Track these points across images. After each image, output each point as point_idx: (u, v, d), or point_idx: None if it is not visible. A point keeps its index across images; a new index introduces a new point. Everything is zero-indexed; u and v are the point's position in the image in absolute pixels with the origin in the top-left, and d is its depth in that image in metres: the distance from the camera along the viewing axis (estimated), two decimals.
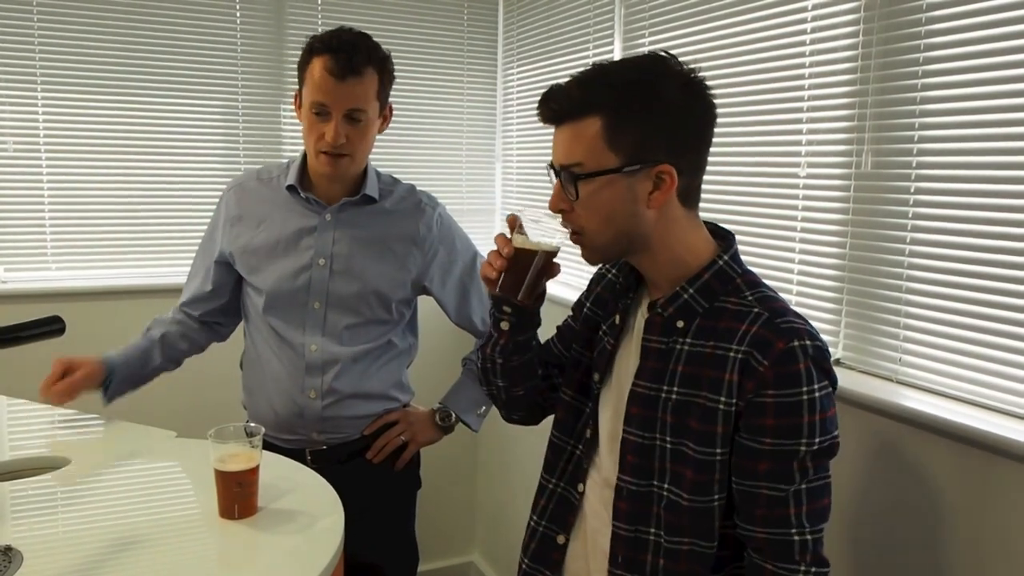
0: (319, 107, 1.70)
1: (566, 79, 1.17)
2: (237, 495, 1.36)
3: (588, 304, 1.40)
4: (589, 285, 1.43)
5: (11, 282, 2.51)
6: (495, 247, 1.26)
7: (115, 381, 1.79)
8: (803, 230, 1.72)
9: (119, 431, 1.75)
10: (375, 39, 1.76)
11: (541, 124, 1.20)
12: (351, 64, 1.67)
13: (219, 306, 1.93)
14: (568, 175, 1.16)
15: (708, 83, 1.17)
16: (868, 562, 1.52)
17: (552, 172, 1.20)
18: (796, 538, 1.11)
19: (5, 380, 2.02)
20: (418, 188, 1.94)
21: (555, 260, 1.27)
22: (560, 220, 1.21)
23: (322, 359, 1.80)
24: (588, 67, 1.18)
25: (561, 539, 1.34)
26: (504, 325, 1.33)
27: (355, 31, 1.74)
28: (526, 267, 1.24)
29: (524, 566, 1.38)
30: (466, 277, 1.96)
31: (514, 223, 1.26)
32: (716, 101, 1.18)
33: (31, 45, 2.48)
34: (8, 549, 1.23)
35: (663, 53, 1.16)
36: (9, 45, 2.46)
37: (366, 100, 1.71)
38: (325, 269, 1.79)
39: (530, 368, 1.40)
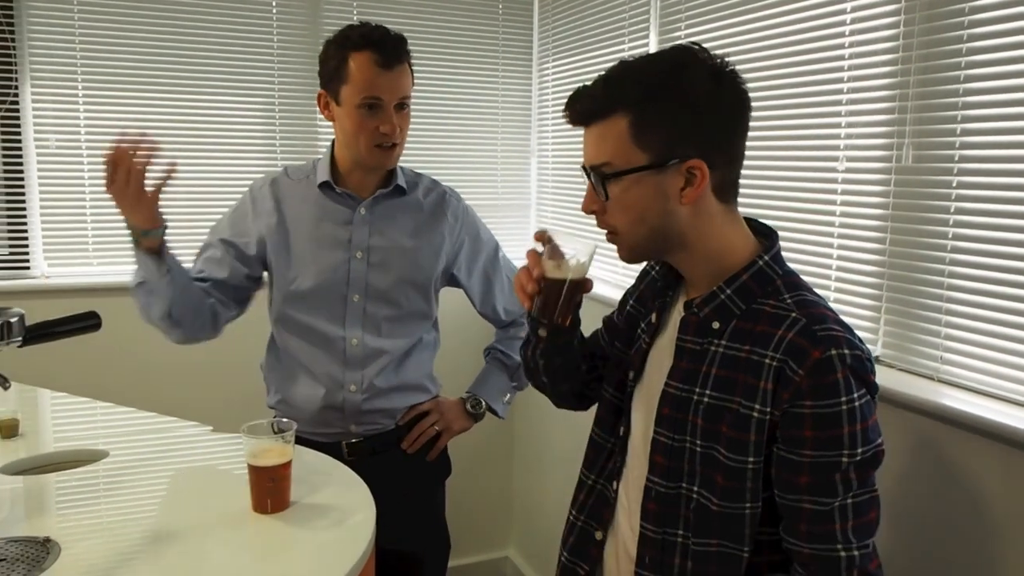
0: (372, 100, 1.71)
1: (594, 78, 1.15)
2: (270, 489, 1.37)
3: (632, 301, 1.39)
4: (636, 281, 1.41)
5: (54, 277, 2.56)
6: (526, 262, 1.25)
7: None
8: (842, 225, 1.69)
9: (156, 425, 1.78)
10: (411, 34, 1.78)
11: None
12: (396, 54, 1.72)
13: (224, 292, 1.82)
14: (598, 175, 1.14)
15: (740, 72, 1.13)
16: (906, 564, 1.49)
17: (585, 173, 1.18)
18: (843, 554, 1.08)
19: (45, 374, 2.06)
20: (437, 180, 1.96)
21: (587, 276, 1.25)
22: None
23: (363, 353, 1.81)
24: (614, 64, 1.15)
25: (599, 535, 1.33)
26: (542, 332, 1.33)
27: (380, 25, 1.76)
28: (557, 292, 1.23)
29: (563, 559, 1.38)
30: (489, 267, 1.98)
31: (543, 239, 1.24)
32: (754, 94, 1.14)
33: (72, 43, 2.52)
34: (47, 540, 1.26)
35: (690, 44, 1.13)
36: (51, 43, 2.50)
37: (409, 88, 1.77)
38: (363, 262, 1.81)
39: (572, 366, 1.40)
